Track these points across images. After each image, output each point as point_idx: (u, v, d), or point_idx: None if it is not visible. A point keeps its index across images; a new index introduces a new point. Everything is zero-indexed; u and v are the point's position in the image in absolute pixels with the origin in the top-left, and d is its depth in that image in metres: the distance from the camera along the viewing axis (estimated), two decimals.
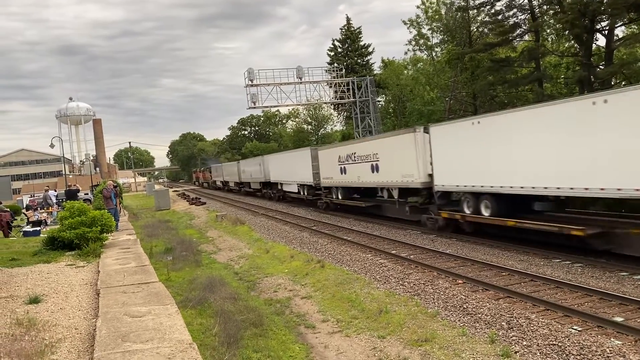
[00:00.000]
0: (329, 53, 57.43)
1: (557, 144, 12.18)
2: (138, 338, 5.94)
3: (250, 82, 39.83)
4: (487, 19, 31.05)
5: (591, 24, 23.30)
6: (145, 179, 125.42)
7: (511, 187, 13.87)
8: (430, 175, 17.68)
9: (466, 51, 31.16)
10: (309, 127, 71.65)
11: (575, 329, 8.09)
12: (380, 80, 46.74)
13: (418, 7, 39.44)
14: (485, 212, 15.22)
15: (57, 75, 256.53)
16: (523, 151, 13.29)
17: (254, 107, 41.45)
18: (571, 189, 12.08)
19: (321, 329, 10.26)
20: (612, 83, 24.17)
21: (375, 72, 52.46)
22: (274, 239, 21.03)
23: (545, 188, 12.83)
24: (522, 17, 28.17)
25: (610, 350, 7.19)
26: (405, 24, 40.44)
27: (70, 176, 73.57)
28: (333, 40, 57.77)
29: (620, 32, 26.66)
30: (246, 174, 47.50)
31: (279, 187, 37.84)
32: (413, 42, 40.78)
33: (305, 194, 31.48)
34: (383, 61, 51.12)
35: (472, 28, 33.52)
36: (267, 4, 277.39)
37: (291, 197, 35.56)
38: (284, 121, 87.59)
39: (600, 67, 24.50)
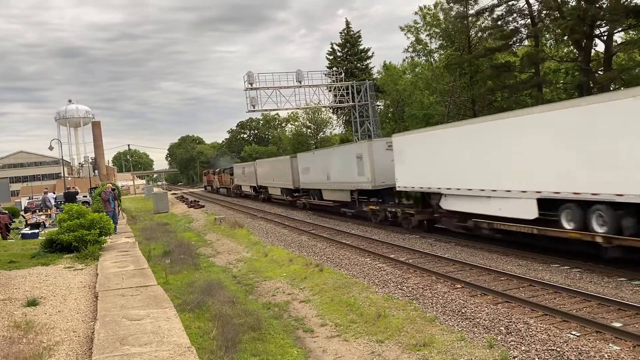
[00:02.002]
0: (328, 57, 57.60)
1: None
2: (136, 341, 5.93)
3: (249, 86, 39.96)
4: (486, 23, 31.24)
5: (590, 30, 23.42)
6: (144, 181, 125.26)
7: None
8: None
9: (465, 57, 31.27)
10: (308, 130, 71.72)
11: (574, 334, 8.09)
12: (379, 85, 46.85)
13: (416, 13, 39.47)
14: None
15: (56, 78, 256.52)
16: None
17: (254, 111, 41.68)
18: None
19: (319, 333, 10.24)
20: (611, 88, 24.24)
21: (374, 76, 52.55)
22: (272, 242, 20.99)
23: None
24: (522, 22, 28.33)
25: (608, 356, 7.19)
26: (402, 30, 40.46)
27: (69, 178, 73.54)
28: (332, 44, 57.90)
29: (619, 37, 26.80)
30: (313, 175, 28.74)
31: (421, 199, 19.11)
32: (411, 49, 40.84)
33: (598, 229, 11.29)
34: (384, 65, 51.21)
35: (471, 33, 33.63)
36: (266, 8, 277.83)
37: (504, 229, 14.41)
38: (283, 125, 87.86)
39: (599, 72, 24.60)
